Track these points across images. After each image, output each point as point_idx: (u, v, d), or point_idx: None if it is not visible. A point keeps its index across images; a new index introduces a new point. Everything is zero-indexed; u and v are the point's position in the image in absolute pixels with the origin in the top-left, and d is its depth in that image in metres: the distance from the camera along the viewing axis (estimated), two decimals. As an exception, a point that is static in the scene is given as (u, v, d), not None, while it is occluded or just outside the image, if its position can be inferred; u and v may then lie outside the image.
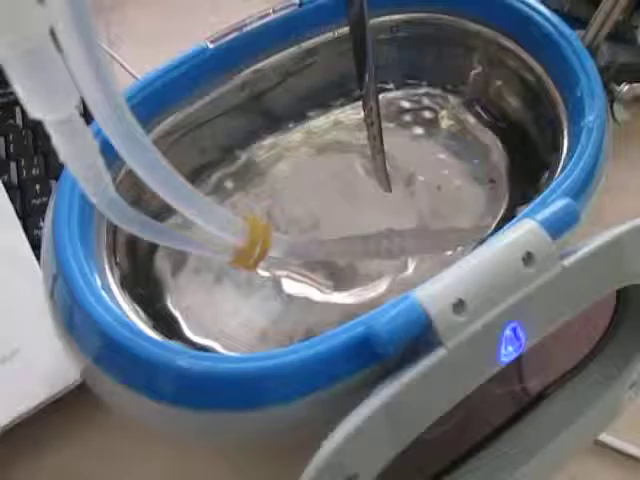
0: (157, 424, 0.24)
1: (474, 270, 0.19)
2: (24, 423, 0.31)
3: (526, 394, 0.28)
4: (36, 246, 0.36)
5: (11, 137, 0.42)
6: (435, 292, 0.19)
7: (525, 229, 0.20)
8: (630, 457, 0.31)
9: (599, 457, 0.31)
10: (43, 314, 0.25)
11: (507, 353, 0.21)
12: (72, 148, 0.16)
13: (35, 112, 0.15)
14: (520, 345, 0.21)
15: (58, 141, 0.15)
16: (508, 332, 0.20)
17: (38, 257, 0.36)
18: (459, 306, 0.19)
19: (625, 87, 0.42)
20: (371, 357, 0.20)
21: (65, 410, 0.32)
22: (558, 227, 0.20)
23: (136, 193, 0.26)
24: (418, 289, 0.19)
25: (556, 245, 0.20)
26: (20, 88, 0.14)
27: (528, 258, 0.20)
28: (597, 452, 0.31)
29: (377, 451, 0.19)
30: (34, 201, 0.39)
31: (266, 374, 0.20)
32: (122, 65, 0.45)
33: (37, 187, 0.40)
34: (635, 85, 0.43)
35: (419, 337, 0.19)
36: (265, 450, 0.28)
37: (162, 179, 0.19)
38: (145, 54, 0.34)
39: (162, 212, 0.28)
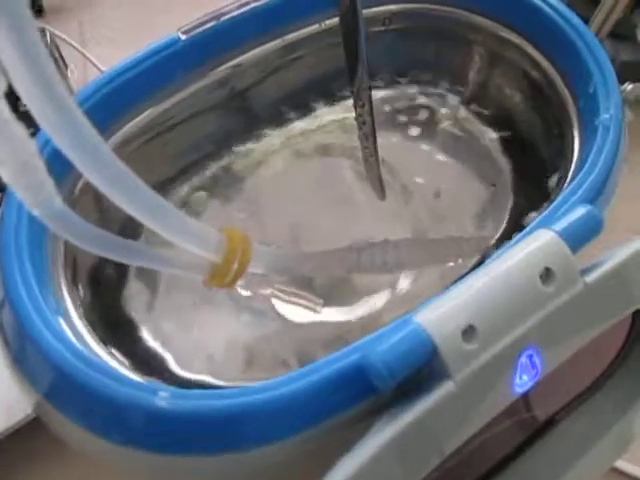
0: (121, 466, 0.21)
1: (486, 290, 0.17)
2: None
3: (534, 421, 0.26)
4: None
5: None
6: (442, 317, 0.16)
7: (542, 241, 0.17)
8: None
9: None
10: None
11: (522, 383, 0.18)
12: (3, 147, 0.13)
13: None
14: (536, 373, 0.18)
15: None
16: (523, 359, 0.18)
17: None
18: (469, 333, 0.16)
19: (629, 86, 0.40)
20: (367, 389, 0.17)
21: (25, 442, 0.29)
22: (579, 238, 0.18)
23: (99, 207, 0.23)
24: (421, 313, 0.16)
25: (576, 259, 0.18)
26: None
27: (547, 275, 0.17)
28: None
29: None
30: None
31: (246, 412, 0.17)
32: (95, 65, 0.43)
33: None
34: (638, 84, 0.41)
35: (421, 369, 0.17)
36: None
37: (123, 189, 0.16)
38: (120, 54, 0.32)
39: (133, 225, 0.25)
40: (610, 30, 0.42)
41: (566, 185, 0.23)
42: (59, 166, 0.16)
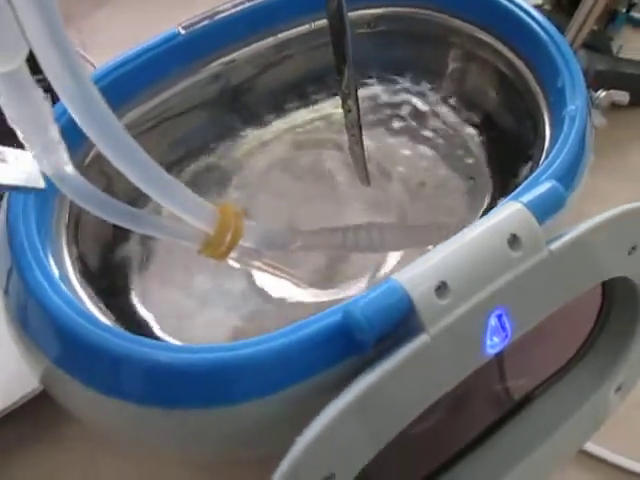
0: (122, 429, 0.22)
1: (457, 252, 0.18)
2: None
3: (509, 398, 0.27)
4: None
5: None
6: (417, 275, 0.18)
7: (510, 211, 0.19)
8: (615, 467, 0.30)
9: (583, 467, 0.30)
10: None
11: (493, 344, 0.20)
12: (20, 107, 0.14)
13: (-20, 66, 0.13)
14: (506, 335, 0.20)
15: (5, 99, 0.14)
16: (493, 321, 0.19)
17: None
18: (442, 289, 0.18)
19: (602, 93, 0.42)
20: (350, 346, 0.18)
21: (19, 426, 0.30)
22: (544, 210, 0.19)
23: (105, 180, 0.25)
24: (399, 272, 0.18)
25: (543, 229, 0.19)
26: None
27: (514, 241, 0.19)
28: (581, 462, 0.30)
29: (354, 449, 0.18)
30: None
31: (236, 366, 0.18)
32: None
33: None
34: (612, 92, 0.43)
35: (399, 324, 0.18)
36: (239, 463, 0.27)
37: (128, 158, 0.17)
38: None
39: (131, 202, 0.26)
40: (587, 42, 0.45)
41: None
42: (71, 137, 0.17)
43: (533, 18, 0.27)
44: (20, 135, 0.15)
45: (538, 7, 0.45)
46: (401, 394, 0.18)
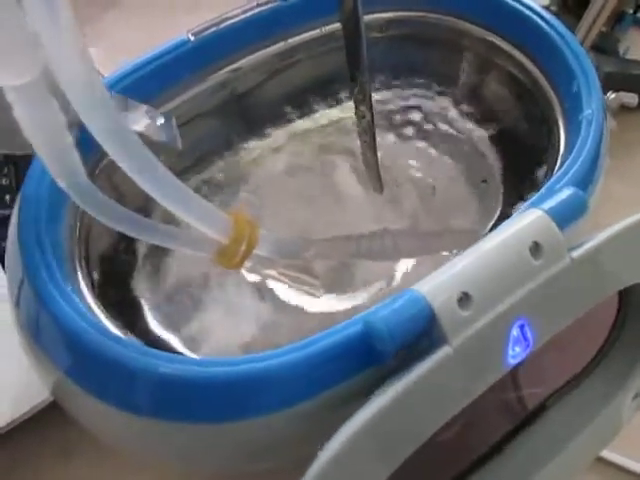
0: (136, 443, 0.22)
1: (479, 261, 0.18)
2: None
3: (523, 407, 0.26)
4: (4, 259, 0.34)
5: (-21, 145, 0.39)
6: (439, 285, 0.17)
7: (531, 218, 0.19)
8: (633, 474, 0.29)
9: (600, 474, 0.30)
10: (7, 329, 0.23)
11: (515, 354, 0.19)
12: (36, 118, 0.14)
13: (-4, 78, 0.13)
14: (528, 345, 0.19)
15: (20, 111, 0.14)
16: (515, 331, 0.19)
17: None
18: (464, 300, 0.17)
19: (612, 95, 0.42)
20: (369, 358, 0.18)
21: (32, 434, 0.29)
22: (566, 216, 0.19)
23: (114, 189, 0.25)
24: (420, 282, 0.18)
25: (564, 236, 0.19)
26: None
27: (536, 249, 0.18)
28: (598, 469, 0.30)
29: (376, 463, 0.18)
30: (3, 212, 0.37)
31: (253, 379, 0.18)
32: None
33: (7, 197, 0.38)
34: (621, 94, 0.43)
35: (420, 336, 0.18)
36: (251, 475, 0.26)
37: (142, 167, 0.17)
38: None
39: (141, 211, 0.26)
40: (593, 44, 0.44)
41: (553, 175, 0.24)
42: (82, 147, 0.17)
43: (545, 20, 0.27)
44: (34, 145, 0.15)
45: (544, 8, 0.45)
46: (423, 407, 0.17)
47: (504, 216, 0.28)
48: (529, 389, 0.26)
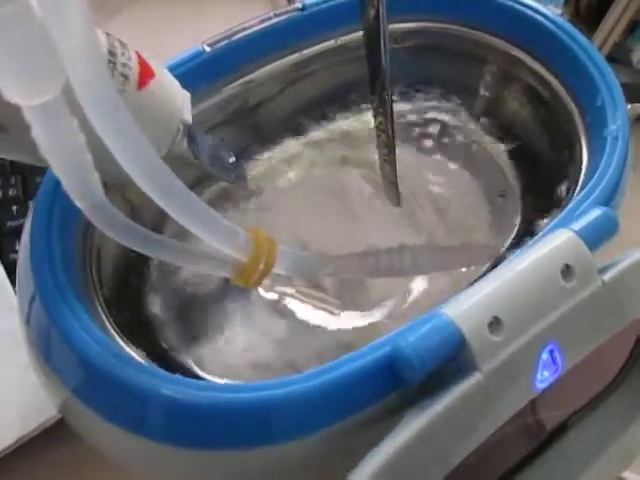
0: (146, 466, 0.21)
1: (509, 284, 0.17)
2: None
3: (541, 429, 0.26)
4: (11, 271, 0.34)
5: (-14, 155, 0.39)
6: (468, 309, 0.17)
7: (562, 239, 0.18)
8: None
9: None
10: (15, 345, 0.22)
11: (543, 379, 0.19)
12: (56, 138, 0.13)
13: (14, 96, 0.13)
14: (557, 369, 0.19)
15: (39, 130, 0.13)
16: (545, 355, 0.18)
17: (13, 283, 0.33)
18: (495, 325, 0.17)
19: (627, 107, 0.41)
20: (394, 382, 0.17)
21: (39, 452, 0.29)
22: (596, 237, 0.19)
23: (128, 206, 0.24)
24: (448, 305, 0.17)
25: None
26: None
27: (567, 271, 0.18)
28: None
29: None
30: (10, 223, 0.37)
31: (277, 405, 0.17)
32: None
33: (14, 208, 0.37)
34: (636, 105, 0.42)
35: (448, 360, 0.17)
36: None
37: (159, 181, 0.16)
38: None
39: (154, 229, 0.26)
40: (607, 54, 0.44)
41: (577, 192, 0.23)
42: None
43: (567, 33, 0.26)
44: (53, 166, 0.14)
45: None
46: (451, 435, 0.17)
47: (522, 232, 0.28)
48: (548, 411, 0.25)
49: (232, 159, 0.23)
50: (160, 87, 0.20)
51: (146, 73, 0.19)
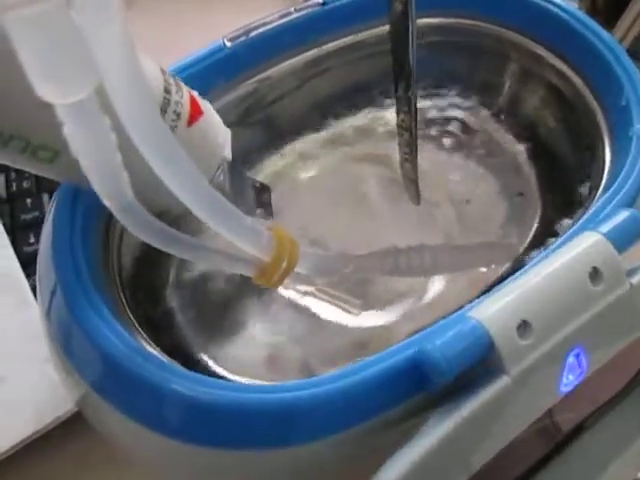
0: (163, 462, 0.21)
1: (538, 288, 0.17)
2: (8, 459, 0.28)
3: (557, 430, 0.26)
4: (26, 264, 0.34)
5: None
6: (497, 312, 0.17)
7: (590, 242, 0.18)
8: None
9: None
10: (33, 338, 0.22)
11: (568, 382, 0.19)
12: (87, 138, 0.13)
13: (47, 94, 0.12)
14: (581, 372, 0.19)
15: (71, 130, 0.13)
16: (571, 358, 0.18)
17: (28, 275, 0.33)
18: (523, 328, 0.17)
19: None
20: (421, 384, 0.17)
21: (54, 446, 0.29)
22: (624, 240, 0.18)
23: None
24: (476, 309, 0.17)
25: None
26: (29, 62, 0.12)
27: (595, 274, 0.18)
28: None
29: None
30: (24, 216, 0.37)
31: (301, 407, 0.17)
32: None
33: (28, 201, 0.37)
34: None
35: (475, 363, 0.17)
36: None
37: (184, 182, 0.16)
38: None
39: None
40: (627, 48, 0.43)
41: (600, 192, 0.23)
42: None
43: (590, 29, 0.26)
44: (83, 166, 0.14)
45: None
46: (477, 438, 0.17)
47: (542, 231, 0.28)
48: (564, 412, 0.25)
49: (257, 184, 0.24)
50: (206, 125, 0.21)
51: (196, 111, 0.20)
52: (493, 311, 0.17)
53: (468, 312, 0.17)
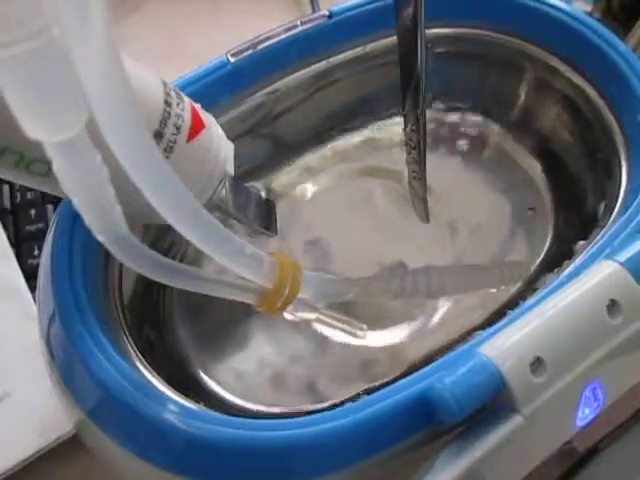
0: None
1: (552, 322, 0.16)
2: (14, 476, 0.28)
3: (573, 451, 0.25)
4: (30, 276, 0.33)
5: (5, 158, 0.39)
6: (509, 349, 0.16)
7: (607, 272, 0.17)
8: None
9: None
10: (37, 354, 0.22)
11: (584, 416, 0.18)
12: (77, 176, 0.13)
13: (35, 132, 0.12)
14: (598, 406, 0.18)
15: (61, 166, 0.12)
16: (588, 393, 0.17)
17: (32, 288, 0.33)
18: (537, 365, 0.16)
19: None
20: (428, 420, 0.17)
21: (58, 463, 0.28)
22: (643, 270, 0.17)
23: (148, 234, 0.23)
24: (487, 344, 0.16)
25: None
26: (16, 101, 0.11)
27: (613, 307, 0.17)
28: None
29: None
30: (29, 227, 0.36)
31: (305, 444, 0.16)
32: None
33: (32, 212, 0.37)
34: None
35: (486, 401, 0.16)
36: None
37: (180, 210, 0.15)
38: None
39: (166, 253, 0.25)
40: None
41: (616, 212, 0.22)
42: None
43: (607, 41, 0.25)
44: (75, 202, 0.13)
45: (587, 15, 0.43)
46: (490, 476, 0.16)
47: (555, 250, 0.27)
48: (579, 435, 0.25)
49: (262, 195, 0.23)
50: (208, 139, 0.20)
51: (198, 124, 0.19)
52: (505, 347, 0.16)
53: (479, 346, 0.16)
